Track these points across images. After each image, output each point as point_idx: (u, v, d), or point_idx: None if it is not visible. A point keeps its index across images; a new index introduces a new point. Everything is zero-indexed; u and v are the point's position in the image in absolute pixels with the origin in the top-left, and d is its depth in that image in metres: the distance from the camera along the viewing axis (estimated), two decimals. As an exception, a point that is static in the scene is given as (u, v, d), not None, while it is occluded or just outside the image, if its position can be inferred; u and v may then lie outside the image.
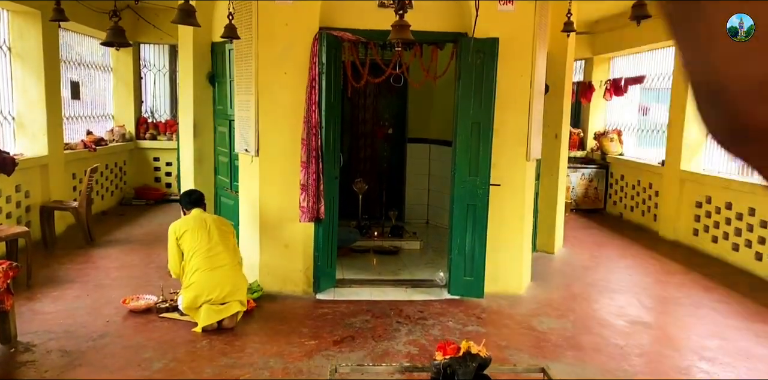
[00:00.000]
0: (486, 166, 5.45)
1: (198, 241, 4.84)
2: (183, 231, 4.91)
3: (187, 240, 4.85)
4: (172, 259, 4.98)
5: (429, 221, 9.17)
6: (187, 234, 4.87)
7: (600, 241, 8.42)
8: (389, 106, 9.11)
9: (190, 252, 4.82)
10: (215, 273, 4.77)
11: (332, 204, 5.70)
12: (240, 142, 5.88)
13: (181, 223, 5.01)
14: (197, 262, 4.77)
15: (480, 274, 5.57)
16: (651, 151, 10.25)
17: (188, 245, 4.84)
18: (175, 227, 4.98)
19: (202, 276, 4.74)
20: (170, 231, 4.98)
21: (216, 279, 4.75)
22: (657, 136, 10.01)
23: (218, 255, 4.83)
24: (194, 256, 4.78)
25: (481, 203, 5.49)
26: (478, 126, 5.45)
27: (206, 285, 4.71)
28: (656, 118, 10.83)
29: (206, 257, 4.79)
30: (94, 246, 7.35)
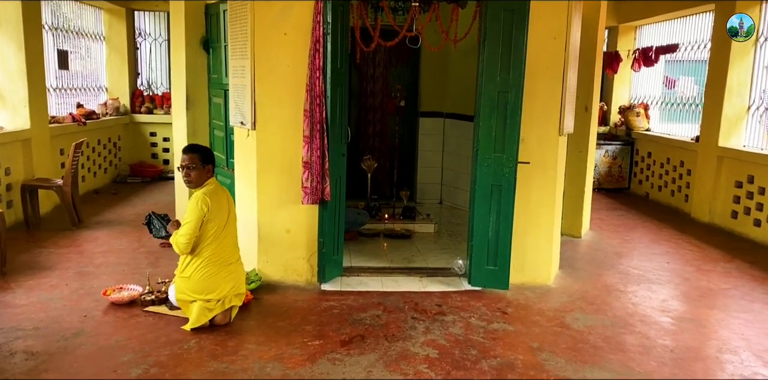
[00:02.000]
0: (513, 142, 4.80)
1: (219, 228, 4.11)
2: (214, 211, 4.03)
3: (214, 221, 4.08)
4: (189, 236, 4.01)
5: (443, 201, 8.55)
6: (216, 215, 4.06)
7: (628, 224, 7.77)
8: (400, 77, 8.41)
9: (209, 237, 4.09)
10: (224, 271, 4.15)
11: (339, 185, 5.07)
12: (235, 114, 5.24)
13: (214, 198, 4.07)
14: (210, 254, 4.10)
15: (505, 263, 4.95)
16: (677, 127, 9.59)
17: (213, 227, 4.08)
18: (207, 201, 4.02)
19: (210, 273, 4.10)
20: (200, 204, 4.00)
21: (219, 279, 4.13)
22: (684, 110, 9.32)
23: (232, 249, 4.24)
24: (209, 246, 4.10)
25: (508, 184, 4.85)
26: (504, 96, 4.78)
27: (211, 284, 4.10)
28: (684, 91, 10.14)
29: (220, 250, 4.14)
30: (81, 228, 6.76)
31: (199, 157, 4.14)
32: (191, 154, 4.15)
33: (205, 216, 4.02)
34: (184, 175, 4.14)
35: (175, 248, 4.11)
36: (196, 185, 4.16)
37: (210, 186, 4.16)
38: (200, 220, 4.02)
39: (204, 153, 4.20)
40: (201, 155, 4.16)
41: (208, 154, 4.22)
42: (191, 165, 4.13)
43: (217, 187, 4.19)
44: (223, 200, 4.15)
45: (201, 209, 4.01)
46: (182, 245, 4.04)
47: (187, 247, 4.05)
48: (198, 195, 4.06)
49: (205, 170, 4.15)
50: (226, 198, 4.22)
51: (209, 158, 4.21)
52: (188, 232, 4.01)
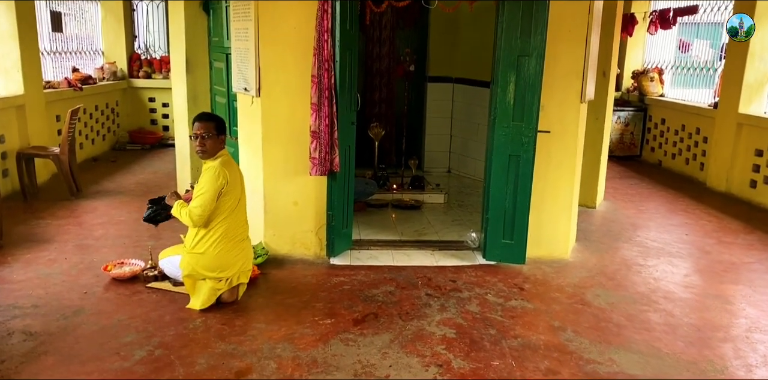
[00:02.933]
0: (533, 110, 4.54)
1: (234, 202, 3.91)
2: (231, 183, 3.83)
3: (231, 194, 3.87)
4: (204, 208, 3.76)
5: (451, 170, 8.31)
6: (234, 187, 3.87)
7: (642, 193, 7.56)
8: (408, 40, 8.07)
9: (225, 212, 3.87)
10: (237, 248, 3.96)
11: (348, 155, 4.83)
12: (238, 79, 4.96)
13: (232, 171, 3.88)
14: (223, 230, 3.89)
15: (522, 237, 4.75)
16: (689, 92, 9.31)
17: (229, 200, 3.87)
18: (226, 173, 3.80)
19: (226, 249, 3.90)
20: (219, 175, 3.77)
21: (235, 256, 3.94)
22: (697, 75, 9.03)
23: (244, 225, 4.04)
24: (223, 222, 3.88)
25: (527, 154, 4.61)
26: (525, 61, 4.50)
27: (226, 260, 3.90)
28: (698, 55, 9.81)
29: (235, 226, 3.94)
30: (79, 198, 6.55)
31: (215, 126, 3.91)
32: (206, 123, 3.90)
33: (223, 188, 3.81)
34: (198, 145, 3.89)
35: (185, 220, 3.87)
36: (210, 155, 3.93)
37: (225, 157, 3.94)
38: (217, 192, 3.80)
39: (219, 122, 3.97)
40: (216, 124, 3.93)
41: (222, 124, 3.99)
42: (206, 134, 3.88)
43: (230, 160, 3.98)
44: (237, 173, 3.97)
45: (220, 181, 3.80)
46: (196, 217, 3.81)
47: (200, 219, 3.82)
48: (215, 166, 3.83)
49: (219, 140, 3.92)
50: (239, 171, 4.02)
51: (223, 128, 3.98)
52: (204, 203, 3.79)
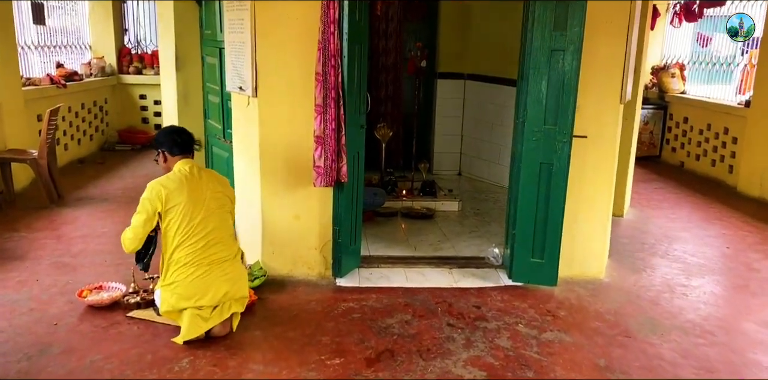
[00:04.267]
0: (569, 112, 3.99)
1: (189, 219, 3.27)
2: (172, 201, 3.25)
3: (174, 215, 3.28)
4: (134, 230, 3.31)
5: (461, 172, 7.76)
6: (176, 206, 3.27)
7: (670, 198, 7.01)
8: (416, 33, 7.52)
9: (176, 236, 3.29)
10: (210, 272, 3.33)
11: (356, 162, 4.28)
12: (232, 77, 4.40)
13: (169, 185, 3.29)
14: (186, 253, 3.29)
15: (554, 255, 4.20)
16: (708, 89, 8.81)
17: (174, 223, 3.28)
18: (157, 190, 3.25)
19: (191, 276, 3.30)
20: (150, 196, 3.26)
21: (210, 281, 3.33)
22: (715, 70, 8.55)
23: (215, 244, 3.37)
24: (182, 243, 3.29)
25: (560, 161, 4.06)
26: (559, 56, 3.94)
27: (196, 288, 3.31)
28: (719, 50, 9.27)
29: (200, 247, 3.31)
30: (60, 206, 5.99)
31: (153, 146, 3.48)
32: None
33: (160, 207, 3.25)
34: None
35: (123, 245, 3.38)
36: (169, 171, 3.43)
37: (165, 177, 3.36)
38: (152, 213, 3.27)
39: (155, 137, 3.51)
40: (153, 143, 3.49)
41: (156, 138, 3.50)
42: (155, 157, 3.47)
43: (179, 173, 3.36)
44: (191, 187, 3.31)
45: (151, 200, 3.26)
46: (126, 240, 3.35)
47: (132, 243, 3.34)
48: (151, 183, 3.31)
49: (160, 158, 3.45)
50: (195, 180, 3.36)
51: (157, 142, 3.47)
52: (134, 225, 3.30)
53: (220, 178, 3.52)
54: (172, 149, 3.39)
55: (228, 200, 3.48)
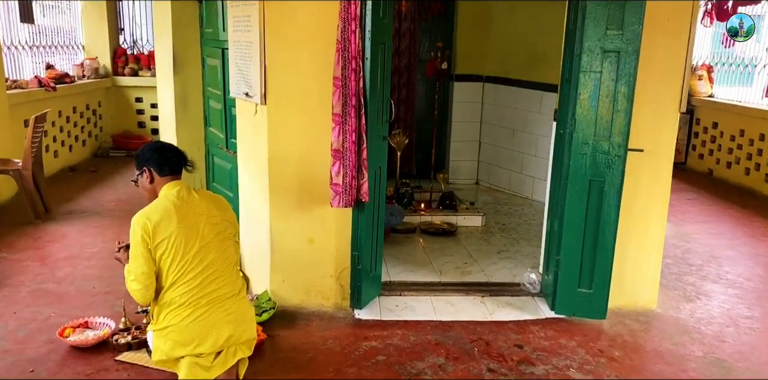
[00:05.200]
0: (624, 122, 3.48)
1: (182, 253, 2.68)
2: (160, 234, 2.65)
3: (164, 251, 2.67)
4: (139, 278, 2.67)
5: (479, 181, 7.26)
6: (165, 240, 2.66)
7: (706, 211, 6.50)
8: (431, 33, 7.02)
9: (168, 275, 2.70)
10: (210, 313, 2.75)
11: (379, 179, 3.76)
12: (237, 81, 3.88)
13: (154, 216, 2.68)
14: (180, 293, 2.70)
15: (604, 285, 3.69)
16: (730, 91, 8.36)
17: (166, 260, 2.68)
18: (142, 224, 2.65)
19: (188, 319, 2.72)
20: (137, 233, 2.66)
21: (210, 323, 2.78)
22: (741, 72, 8.12)
23: (215, 280, 2.77)
24: (176, 282, 2.70)
25: (613, 178, 3.55)
26: (613, 57, 3.43)
27: (194, 332, 2.75)
28: (743, 51, 8.79)
29: (196, 284, 2.71)
30: (47, 221, 5.48)
31: (135, 165, 2.84)
32: None
33: (150, 242, 2.65)
34: None
35: (134, 298, 2.76)
36: (151, 198, 2.85)
37: (150, 207, 2.75)
38: (146, 251, 2.65)
39: (135, 157, 2.86)
40: (135, 161, 2.85)
41: (138, 156, 2.85)
42: (133, 178, 2.86)
43: (166, 200, 2.75)
44: (182, 214, 2.72)
45: (140, 237, 2.64)
46: (137, 293, 2.68)
47: (144, 294, 2.67)
48: (135, 217, 2.69)
49: (145, 178, 2.81)
50: (193, 208, 2.77)
51: (139, 161, 2.83)
52: (135, 274, 2.66)
53: (217, 199, 2.96)
54: (161, 168, 2.81)
55: (228, 225, 2.91)
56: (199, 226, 2.75)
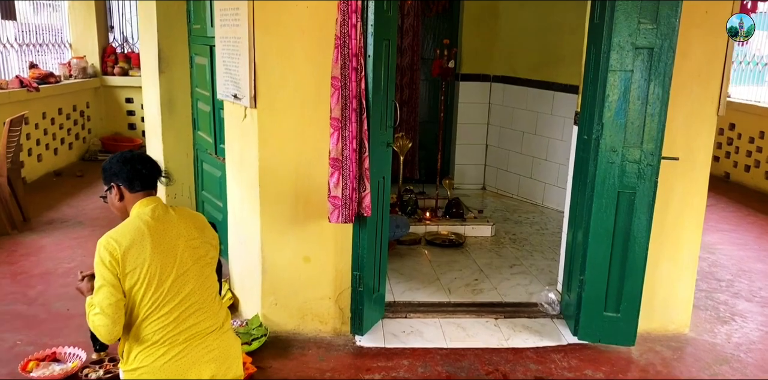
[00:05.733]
0: (657, 127, 3.10)
1: (156, 283, 2.27)
2: (131, 262, 2.22)
3: (136, 281, 2.25)
4: (105, 311, 2.19)
5: (486, 186, 6.89)
6: (136, 269, 2.24)
7: (728, 218, 6.13)
8: (436, 30, 6.66)
9: (139, 308, 2.28)
10: (188, 351, 2.35)
11: (382, 191, 3.38)
12: (225, 82, 3.50)
13: (124, 240, 2.25)
14: (154, 329, 2.30)
15: (633, 308, 3.31)
16: (747, 91, 8.04)
17: (138, 292, 2.26)
18: (111, 249, 2.20)
19: (163, 358, 2.30)
20: (104, 258, 2.20)
21: (188, 363, 2.38)
22: (750, 70, 7.92)
23: (194, 313, 2.37)
24: (149, 317, 2.29)
25: (645, 190, 3.17)
26: (646, 55, 3.05)
27: (170, 374, 2.33)
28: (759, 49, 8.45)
29: (172, 319, 2.31)
30: (24, 232, 5.10)
31: (103, 179, 2.43)
32: None
33: (118, 270, 2.23)
34: None
35: (98, 335, 2.28)
36: (123, 217, 2.45)
37: (118, 229, 2.30)
38: (116, 281, 2.23)
39: (103, 170, 2.43)
40: (102, 174, 2.43)
41: (104, 169, 2.42)
42: (102, 193, 2.45)
43: (138, 220, 2.32)
44: (157, 238, 2.30)
45: (107, 263, 2.21)
46: (102, 329, 2.21)
47: (111, 330, 2.22)
48: (101, 240, 2.24)
49: (114, 195, 2.39)
50: (169, 230, 2.35)
51: (107, 176, 2.40)
52: (102, 304, 2.20)
53: (196, 217, 2.56)
54: (132, 184, 2.40)
55: (210, 247, 2.52)
56: (176, 251, 2.37)
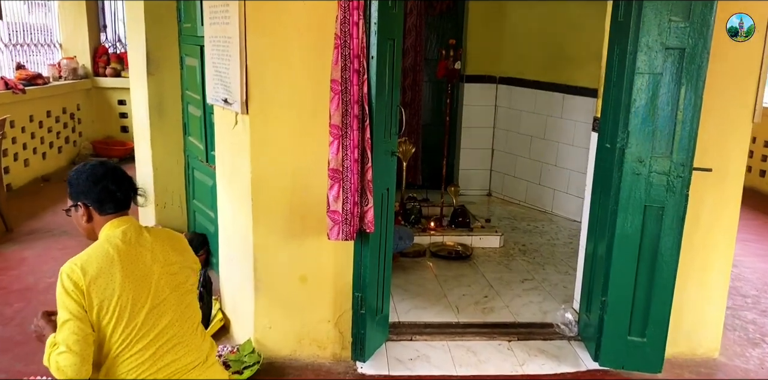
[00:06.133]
0: (689, 135, 2.82)
1: (128, 316, 1.99)
2: (98, 293, 1.94)
3: (105, 314, 1.96)
4: (72, 351, 1.89)
5: (491, 192, 6.61)
6: (105, 301, 1.96)
7: (746, 226, 5.80)
8: (440, 30, 6.37)
9: (111, 342, 2.00)
10: None
11: (386, 204, 3.10)
12: (215, 85, 3.22)
13: (91, 268, 1.96)
14: (129, 368, 2.01)
15: (660, 333, 3.03)
16: None
17: (107, 326, 1.98)
18: (75, 278, 1.93)
19: None
20: (67, 288, 1.92)
21: None
22: None
23: (173, 348, 2.09)
24: (121, 354, 2.01)
25: (675, 205, 2.89)
26: (678, 55, 2.77)
27: None
28: None
29: (148, 356, 2.02)
30: (6, 243, 4.83)
31: (68, 193, 2.14)
32: None
33: (84, 301, 1.94)
34: None
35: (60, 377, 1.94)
36: (90, 237, 2.17)
37: (83, 255, 2.01)
38: (82, 313, 1.94)
39: (69, 184, 2.13)
40: (68, 189, 2.14)
41: (70, 184, 2.11)
42: (65, 207, 2.16)
43: (107, 244, 2.02)
44: (128, 265, 2.01)
45: (72, 294, 1.93)
46: (69, 369, 1.89)
47: (79, 369, 1.90)
48: (63, 268, 1.97)
49: (80, 215, 2.09)
50: (143, 255, 2.06)
51: (74, 192, 2.10)
52: (67, 341, 1.91)
53: (174, 238, 2.26)
54: (102, 205, 2.12)
55: (190, 272, 2.24)
56: (151, 279, 2.09)
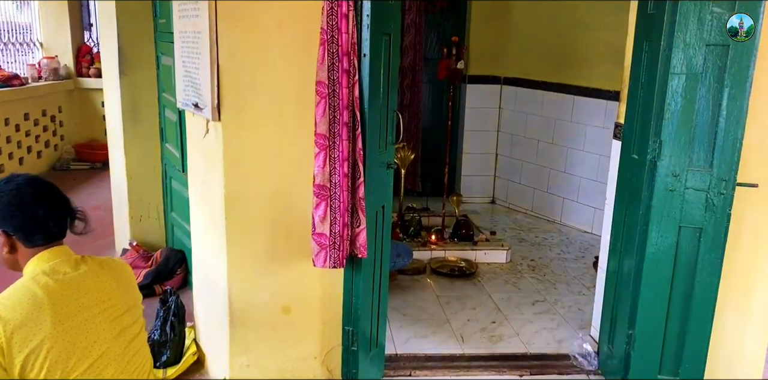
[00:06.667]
0: (733, 147, 2.43)
1: (61, 370, 1.59)
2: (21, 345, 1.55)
3: (29, 368, 1.56)
4: None
5: (496, 200, 6.22)
6: (32, 355, 1.56)
7: None
8: (441, 28, 6.00)
9: None
10: None
11: (381, 224, 2.71)
12: (185, 87, 2.81)
13: (14, 314, 1.56)
14: None
15: (696, 371, 2.64)
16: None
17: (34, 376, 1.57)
18: None
19: None
20: None
21: None
22: None
23: None
24: None
25: (715, 225, 2.50)
26: (722, 53, 2.39)
27: None
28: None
29: None
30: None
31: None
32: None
33: (1, 361, 1.55)
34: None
35: None
36: (14, 269, 1.77)
37: (22, 282, 1.65)
38: (2, 370, 1.55)
39: None
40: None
41: None
42: None
43: (33, 283, 1.64)
44: (60, 308, 1.63)
45: None
46: None
47: None
48: None
49: (0, 245, 1.72)
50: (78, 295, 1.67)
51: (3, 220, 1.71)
52: None
53: (118, 270, 1.85)
54: (29, 236, 1.73)
55: (137, 311, 1.85)
56: (89, 325, 1.69)
